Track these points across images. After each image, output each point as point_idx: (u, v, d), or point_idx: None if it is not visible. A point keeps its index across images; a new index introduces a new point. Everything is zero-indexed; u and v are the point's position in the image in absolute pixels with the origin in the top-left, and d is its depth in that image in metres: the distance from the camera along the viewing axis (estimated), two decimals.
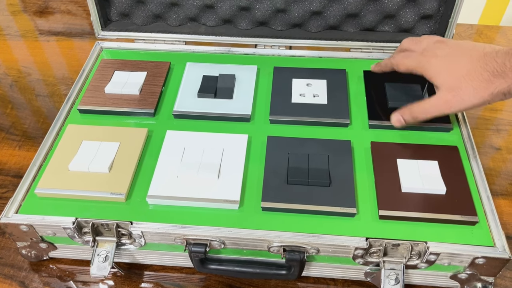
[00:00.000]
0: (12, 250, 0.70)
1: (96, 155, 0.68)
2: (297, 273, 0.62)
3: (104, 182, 0.65)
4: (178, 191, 0.64)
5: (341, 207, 0.61)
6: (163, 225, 0.61)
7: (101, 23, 0.88)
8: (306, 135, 0.72)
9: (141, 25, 0.89)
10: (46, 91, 0.95)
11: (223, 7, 0.85)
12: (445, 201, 0.62)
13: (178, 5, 0.86)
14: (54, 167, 0.67)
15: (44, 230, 0.63)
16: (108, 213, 0.63)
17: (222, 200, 0.63)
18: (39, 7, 1.17)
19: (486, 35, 1.04)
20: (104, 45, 0.90)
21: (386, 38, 0.85)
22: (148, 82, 0.80)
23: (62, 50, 1.05)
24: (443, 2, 0.80)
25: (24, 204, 0.64)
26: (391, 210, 0.61)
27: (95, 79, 0.81)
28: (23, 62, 1.02)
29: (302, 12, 0.84)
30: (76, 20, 1.13)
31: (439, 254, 0.58)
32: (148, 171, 0.68)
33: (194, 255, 0.61)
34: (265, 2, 0.83)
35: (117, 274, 0.67)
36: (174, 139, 0.71)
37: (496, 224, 0.60)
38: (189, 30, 0.88)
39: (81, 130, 0.73)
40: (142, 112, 0.76)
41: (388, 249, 0.59)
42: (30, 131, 0.87)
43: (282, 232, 0.60)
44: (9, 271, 0.68)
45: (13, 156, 0.83)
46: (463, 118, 0.74)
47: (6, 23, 1.13)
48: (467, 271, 0.60)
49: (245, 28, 0.87)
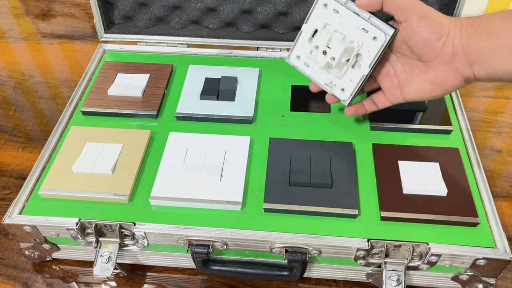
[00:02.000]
0: (15, 251, 0.70)
1: (99, 157, 0.68)
2: (299, 274, 0.62)
3: (107, 184, 0.66)
4: (181, 192, 0.64)
5: (343, 209, 0.62)
6: (166, 226, 0.62)
7: (104, 25, 0.88)
8: (308, 137, 0.72)
9: (143, 28, 0.90)
10: (48, 93, 0.96)
11: (225, 10, 0.85)
12: (446, 203, 0.62)
13: (180, 8, 0.87)
14: (57, 168, 0.68)
15: (48, 231, 0.63)
16: (111, 214, 0.63)
17: (225, 202, 0.63)
18: (41, 10, 1.18)
19: None
20: (107, 48, 0.90)
21: None
22: (150, 84, 0.81)
23: (65, 52, 1.06)
24: (444, 6, 0.81)
25: (28, 205, 0.65)
26: (393, 211, 0.62)
27: (98, 81, 0.82)
28: (25, 64, 1.03)
29: (303, 15, 0.84)
30: (78, 23, 1.14)
31: (440, 255, 0.58)
32: (151, 172, 0.68)
33: (196, 256, 0.61)
34: (267, 5, 0.84)
35: (119, 275, 0.67)
36: (176, 140, 0.71)
37: (497, 226, 0.61)
38: (191, 32, 0.89)
39: (84, 131, 0.73)
40: (145, 114, 0.76)
41: (389, 250, 0.60)
42: (33, 133, 0.88)
43: (284, 233, 0.60)
44: (12, 272, 0.68)
45: (16, 158, 0.83)
46: (464, 120, 0.74)
47: (9, 26, 1.13)
48: (468, 273, 0.60)
49: (247, 30, 0.88)
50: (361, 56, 0.63)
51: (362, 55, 0.63)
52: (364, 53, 0.63)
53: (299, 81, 0.82)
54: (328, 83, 0.67)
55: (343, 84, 0.66)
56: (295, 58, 0.69)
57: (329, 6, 0.63)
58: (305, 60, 0.68)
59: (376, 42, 0.61)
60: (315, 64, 0.67)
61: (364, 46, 0.62)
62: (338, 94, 0.67)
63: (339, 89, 0.67)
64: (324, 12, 0.64)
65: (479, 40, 0.54)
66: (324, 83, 0.68)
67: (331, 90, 0.67)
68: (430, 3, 0.81)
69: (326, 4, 0.63)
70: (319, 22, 0.65)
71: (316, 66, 0.67)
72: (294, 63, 0.69)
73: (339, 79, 0.66)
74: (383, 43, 0.60)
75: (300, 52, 0.68)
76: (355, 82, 0.65)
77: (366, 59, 0.63)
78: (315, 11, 0.65)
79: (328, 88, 0.68)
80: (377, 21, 0.61)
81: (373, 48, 0.62)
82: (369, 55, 0.62)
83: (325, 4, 0.63)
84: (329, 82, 0.67)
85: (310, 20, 0.65)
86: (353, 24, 0.62)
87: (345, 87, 0.66)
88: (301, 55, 0.68)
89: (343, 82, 0.66)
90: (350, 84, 0.65)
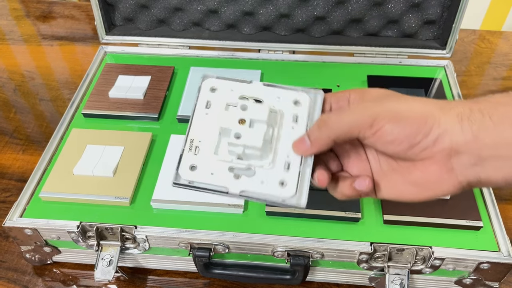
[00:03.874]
0: (16, 254, 0.70)
1: (100, 159, 0.68)
2: (301, 278, 0.62)
3: (109, 186, 0.65)
4: (182, 195, 0.64)
5: (346, 212, 0.61)
6: (167, 229, 0.61)
7: (105, 27, 0.88)
8: None
9: (145, 30, 0.89)
10: (49, 95, 0.95)
11: (227, 12, 0.85)
12: (449, 206, 0.62)
13: (182, 10, 0.86)
14: (58, 171, 0.68)
15: (49, 234, 0.63)
16: (112, 217, 0.63)
17: (227, 205, 0.63)
18: (42, 12, 1.18)
19: (488, 40, 1.04)
20: (108, 50, 0.90)
21: (389, 43, 0.85)
22: (152, 87, 0.80)
23: (65, 54, 1.06)
24: (446, 8, 0.81)
25: (29, 208, 0.64)
26: (396, 214, 0.61)
27: (99, 83, 0.81)
28: (26, 66, 1.02)
29: (305, 17, 0.84)
30: (79, 25, 1.14)
31: (444, 259, 0.58)
32: (152, 175, 0.68)
33: (198, 259, 0.61)
34: (268, 7, 0.84)
35: (120, 279, 0.67)
36: (178, 143, 0.71)
37: (501, 229, 0.60)
38: (193, 34, 0.89)
39: (85, 134, 0.73)
40: (146, 116, 0.76)
41: (392, 254, 0.59)
42: (33, 135, 0.87)
43: (286, 236, 0.60)
44: (12, 275, 0.67)
45: (17, 160, 0.83)
46: None
47: (10, 28, 1.13)
48: (472, 276, 0.60)
49: (248, 33, 0.88)
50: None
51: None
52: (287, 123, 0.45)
53: (301, 83, 0.81)
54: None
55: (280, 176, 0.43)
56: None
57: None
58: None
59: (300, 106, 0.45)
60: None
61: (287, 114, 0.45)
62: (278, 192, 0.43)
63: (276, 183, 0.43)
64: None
65: (501, 130, 0.38)
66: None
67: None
68: (432, 6, 0.81)
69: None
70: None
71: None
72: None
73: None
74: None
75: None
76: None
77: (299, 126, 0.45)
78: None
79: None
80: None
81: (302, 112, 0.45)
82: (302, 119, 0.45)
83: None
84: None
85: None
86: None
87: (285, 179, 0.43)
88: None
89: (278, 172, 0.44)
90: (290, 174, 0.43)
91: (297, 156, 0.44)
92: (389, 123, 0.40)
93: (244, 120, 0.43)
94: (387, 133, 0.40)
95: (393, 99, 0.42)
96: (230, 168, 0.43)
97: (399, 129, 0.40)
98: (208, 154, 0.44)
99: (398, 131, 0.40)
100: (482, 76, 0.96)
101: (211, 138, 0.45)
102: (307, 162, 0.43)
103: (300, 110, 0.45)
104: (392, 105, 0.41)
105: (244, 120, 0.43)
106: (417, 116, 0.40)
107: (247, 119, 0.43)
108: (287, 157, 0.44)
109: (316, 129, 0.42)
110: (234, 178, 0.43)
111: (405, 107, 0.41)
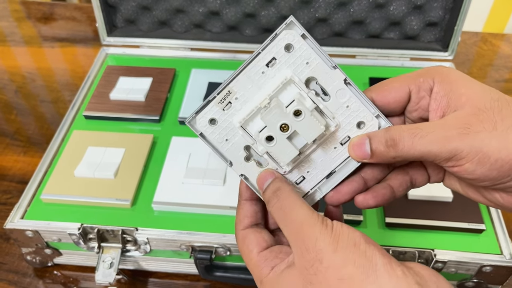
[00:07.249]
0: (16, 256, 0.69)
1: (101, 161, 0.68)
2: None
3: (110, 188, 0.65)
4: (184, 197, 0.64)
5: (348, 215, 0.61)
6: (169, 231, 0.61)
7: (106, 29, 0.88)
8: None
9: (146, 32, 0.89)
10: (50, 97, 0.95)
11: (228, 14, 0.85)
12: (451, 209, 0.62)
13: (183, 11, 0.86)
14: (59, 173, 0.67)
15: (50, 236, 0.63)
16: (113, 219, 0.63)
17: (228, 207, 0.63)
18: (43, 14, 1.18)
19: (491, 43, 1.04)
20: (110, 51, 0.90)
21: (391, 45, 0.85)
22: (153, 89, 0.80)
23: (66, 56, 1.06)
24: (448, 10, 0.81)
25: (30, 209, 0.64)
26: (398, 217, 0.61)
27: (100, 85, 0.81)
28: (27, 68, 1.02)
29: (307, 19, 0.84)
30: (80, 27, 1.14)
31: (446, 262, 0.58)
32: (154, 177, 0.68)
33: (199, 262, 0.61)
34: (270, 9, 0.83)
35: (121, 281, 0.67)
36: (179, 145, 0.71)
37: (503, 232, 0.60)
38: (194, 36, 0.89)
39: (87, 136, 0.73)
40: (148, 118, 0.76)
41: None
42: (34, 137, 0.87)
43: None
44: (13, 277, 0.67)
45: (18, 162, 0.83)
46: None
47: (11, 30, 1.13)
48: (474, 280, 0.60)
49: (250, 34, 0.87)
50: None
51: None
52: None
53: None
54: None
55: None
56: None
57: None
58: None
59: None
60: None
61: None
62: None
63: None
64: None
65: None
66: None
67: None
68: (434, 8, 0.80)
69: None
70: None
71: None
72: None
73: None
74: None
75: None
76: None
77: None
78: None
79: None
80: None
81: None
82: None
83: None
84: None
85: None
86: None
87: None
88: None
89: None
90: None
91: (317, 176, 0.40)
92: (471, 163, 0.34)
93: (288, 128, 0.37)
94: (467, 173, 0.35)
95: (488, 127, 0.34)
96: (246, 147, 0.40)
97: (483, 170, 0.34)
98: (235, 119, 0.39)
99: (482, 172, 0.35)
100: (484, 78, 0.96)
101: (249, 104, 0.38)
102: (331, 181, 0.40)
103: (358, 132, 0.39)
104: (480, 141, 0.34)
105: (287, 128, 0.37)
106: (510, 160, 0.34)
107: (291, 129, 0.37)
108: (306, 172, 0.40)
109: (382, 143, 0.37)
110: (244, 159, 0.40)
111: (497, 144, 0.34)
